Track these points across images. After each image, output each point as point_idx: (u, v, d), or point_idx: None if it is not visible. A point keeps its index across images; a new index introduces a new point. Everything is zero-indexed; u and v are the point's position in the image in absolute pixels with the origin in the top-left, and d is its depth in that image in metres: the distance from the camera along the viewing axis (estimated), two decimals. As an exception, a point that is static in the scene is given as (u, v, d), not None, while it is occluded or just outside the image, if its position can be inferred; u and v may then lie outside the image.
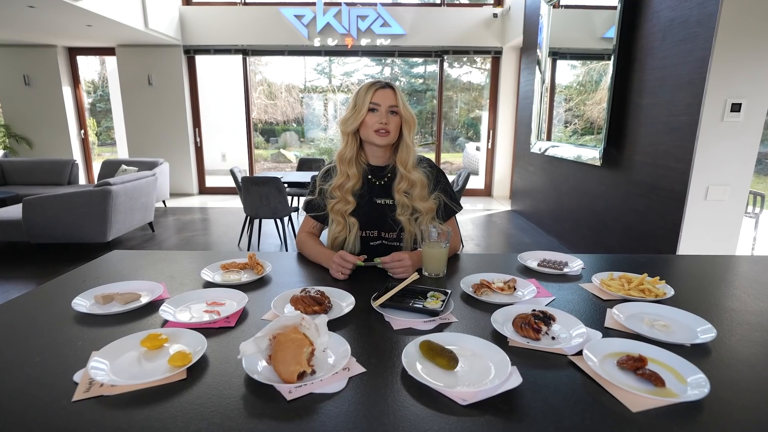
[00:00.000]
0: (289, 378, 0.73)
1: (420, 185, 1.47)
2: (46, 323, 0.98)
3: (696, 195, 2.71)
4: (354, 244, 1.49)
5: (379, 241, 1.52)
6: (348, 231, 1.49)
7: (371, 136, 1.44)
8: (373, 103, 1.42)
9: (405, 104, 1.44)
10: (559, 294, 1.17)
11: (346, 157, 1.48)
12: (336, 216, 1.50)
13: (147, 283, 1.18)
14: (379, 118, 1.42)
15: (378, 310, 1.03)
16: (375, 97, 1.42)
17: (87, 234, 3.97)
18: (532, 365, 0.81)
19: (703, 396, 0.70)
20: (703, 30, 2.57)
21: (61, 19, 5.23)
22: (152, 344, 0.84)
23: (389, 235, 1.51)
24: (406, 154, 1.47)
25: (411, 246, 1.50)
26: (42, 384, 0.75)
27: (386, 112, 1.42)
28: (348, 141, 1.48)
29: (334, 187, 1.49)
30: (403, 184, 1.48)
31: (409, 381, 0.75)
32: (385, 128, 1.42)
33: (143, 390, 0.72)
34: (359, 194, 1.50)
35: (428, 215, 1.49)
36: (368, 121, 1.43)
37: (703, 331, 0.93)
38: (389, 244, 1.52)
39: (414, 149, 1.48)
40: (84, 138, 7.51)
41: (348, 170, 1.48)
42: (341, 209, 1.48)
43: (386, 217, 1.49)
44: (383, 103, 1.42)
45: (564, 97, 4.79)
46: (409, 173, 1.46)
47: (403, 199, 1.48)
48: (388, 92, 1.43)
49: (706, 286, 1.27)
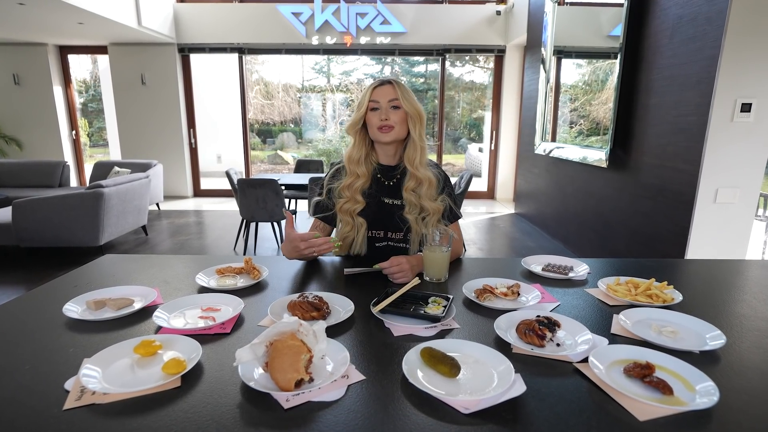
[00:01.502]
0: (286, 386, 0.73)
1: (428, 183, 1.49)
2: (37, 329, 0.98)
3: (705, 198, 2.72)
4: (361, 245, 1.51)
5: (385, 242, 1.53)
6: (356, 231, 1.50)
7: (376, 135, 1.46)
8: (372, 101, 1.44)
9: (409, 98, 1.45)
10: (564, 299, 1.17)
11: (354, 157, 1.50)
12: (344, 216, 1.51)
13: (140, 288, 1.18)
14: (380, 115, 1.43)
15: (378, 316, 1.03)
16: (374, 94, 1.44)
17: (78, 238, 3.97)
18: (536, 373, 0.81)
19: (712, 404, 0.70)
20: (712, 28, 2.59)
21: (52, 16, 5.26)
22: (145, 351, 0.84)
23: (395, 236, 1.52)
24: (413, 151, 1.48)
25: (417, 247, 1.51)
26: (32, 392, 0.75)
27: (387, 107, 1.43)
28: (356, 141, 1.51)
29: (343, 187, 1.51)
30: (411, 182, 1.49)
31: (410, 389, 0.75)
32: (387, 124, 1.43)
33: (136, 398, 0.72)
34: (368, 194, 1.51)
35: (435, 216, 1.50)
36: (371, 120, 1.45)
37: (712, 337, 0.93)
38: (395, 245, 1.53)
39: (423, 146, 1.49)
40: (75, 139, 7.53)
41: (357, 170, 1.50)
42: (350, 208, 1.50)
43: (393, 216, 1.50)
44: (382, 99, 1.43)
45: (569, 97, 4.80)
46: (417, 171, 1.48)
47: (411, 198, 1.49)
48: (386, 88, 1.44)
49: (716, 292, 1.27)
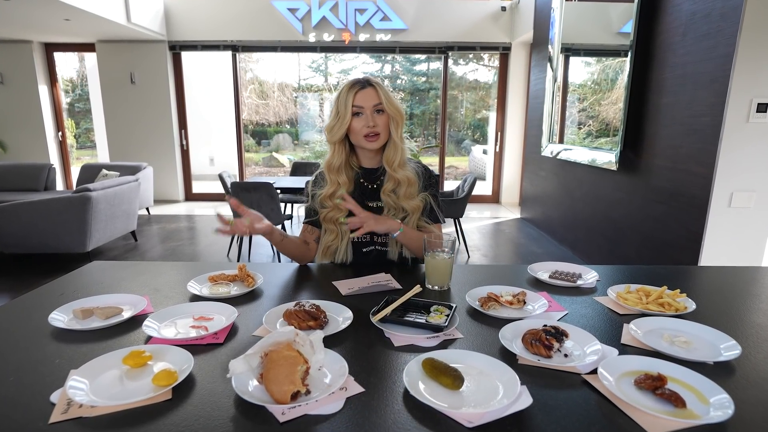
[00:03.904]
0: (282, 398, 0.73)
1: (406, 183, 1.49)
2: (21, 339, 0.98)
3: (719, 202, 2.72)
4: (345, 252, 1.51)
5: (372, 246, 1.54)
6: (340, 239, 1.52)
7: (361, 142, 1.46)
8: (356, 107, 1.42)
9: (390, 100, 1.45)
10: (572, 308, 1.17)
11: (334, 165, 1.50)
12: (328, 225, 1.53)
13: (129, 297, 1.19)
14: (366, 121, 1.42)
15: (378, 325, 1.03)
16: (357, 99, 1.42)
17: (65, 243, 3.98)
18: (543, 385, 0.81)
19: (726, 418, 0.70)
20: (727, 24, 2.60)
21: (37, 12, 5.29)
22: (135, 362, 0.84)
23: (380, 240, 1.53)
24: (393, 152, 1.48)
25: (397, 249, 1.52)
26: (17, 405, 0.75)
27: (372, 113, 1.43)
28: (335, 149, 1.49)
29: (324, 197, 1.51)
30: (389, 184, 1.50)
31: (411, 402, 0.75)
32: (374, 131, 1.43)
33: (125, 411, 0.73)
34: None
35: (415, 215, 1.51)
36: (355, 126, 1.44)
37: (726, 348, 0.93)
38: (381, 249, 1.54)
39: (402, 147, 1.49)
40: (62, 140, 7.55)
41: (338, 178, 1.50)
42: (333, 217, 1.51)
43: None
44: (366, 105, 1.42)
45: (577, 97, 4.82)
46: (396, 172, 1.48)
47: (389, 200, 1.50)
48: (369, 92, 1.43)
49: (730, 300, 1.28)
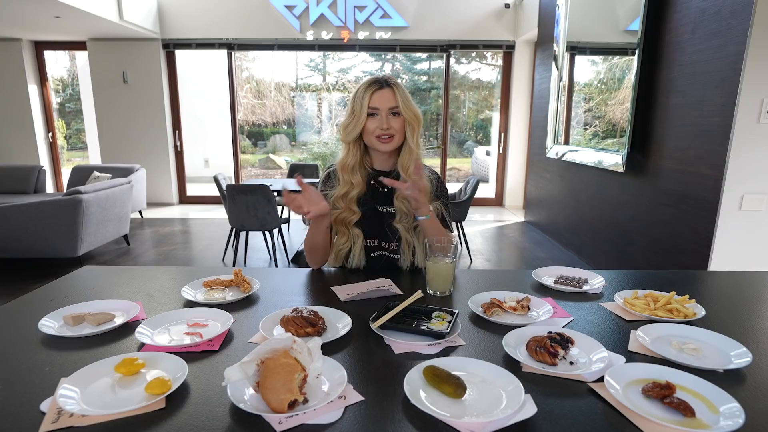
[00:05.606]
0: (279, 407, 0.73)
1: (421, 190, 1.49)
2: (10, 346, 0.98)
3: (729, 205, 2.73)
4: (360, 256, 1.52)
5: (380, 251, 1.55)
6: (353, 242, 1.52)
7: (374, 143, 1.47)
8: (371, 108, 1.43)
9: (407, 103, 1.45)
10: (577, 314, 1.18)
11: (348, 165, 1.51)
12: (339, 227, 1.53)
13: (122, 303, 1.19)
14: (380, 123, 1.43)
15: (377, 332, 1.03)
16: (373, 100, 1.43)
17: (55, 248, 3.97)
18: (548, 393, 0.81)
19: (737, 427, 0.70)
20: (737, 22, 2.61)
21: (26, 9, 5.30)
22: (128, 370, 0.84)
23: (389, 246, 1.54)
24: (408, 157, 1.49)
25: (409, 257, 1.53)
26: (6, 414, 0.75)
27: (387, 115, 1.43)
28: (350, 149, 1.50)
29: (336, 197, 1.52)
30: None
31: (412, 411, 0.76)
32: (387, 133, 1.44)
33: (118, 420, 0.73)
34: (363, 202, 1.53)
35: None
36: (369, 127, 1.45)
37: (737, 355, 0.94)
38: (389, 255, 1.55)
39: (418, 152, 1.50)
40: (52, 141, 7.56)
41: (351, 178, 1.51)
42: (346, 219, 1.51)
43: (385, 225, 1.52)
44: (383, 107, 1.43)
45: (583, 97, 4.83)
46: (410, 178, 1.48)
47: (402, 206, 1.51)
48: (387, 93, 1.44)
49: (741, 306, 1.28)
